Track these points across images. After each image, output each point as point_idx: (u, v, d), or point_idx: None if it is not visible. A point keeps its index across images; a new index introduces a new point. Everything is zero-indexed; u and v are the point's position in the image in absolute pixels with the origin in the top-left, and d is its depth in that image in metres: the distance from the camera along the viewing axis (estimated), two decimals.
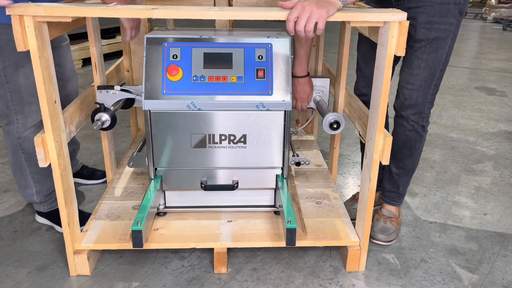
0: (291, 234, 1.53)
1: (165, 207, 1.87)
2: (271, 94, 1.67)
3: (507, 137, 3.17)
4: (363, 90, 1.99)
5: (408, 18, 1.66)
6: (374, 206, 2.06)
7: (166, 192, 1.85)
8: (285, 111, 1.70)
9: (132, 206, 1.93)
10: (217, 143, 1.73)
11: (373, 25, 1.48)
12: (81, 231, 1.75)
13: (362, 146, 2.17)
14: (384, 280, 1.75)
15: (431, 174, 2.60)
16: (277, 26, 1.58)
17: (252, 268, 1.78)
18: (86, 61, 4.55)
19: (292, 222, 1.53)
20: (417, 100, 1.79)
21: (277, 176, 1.81)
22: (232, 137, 1.73)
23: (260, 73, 1.67)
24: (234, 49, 1.69)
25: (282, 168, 1.80)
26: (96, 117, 1.82)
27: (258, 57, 1.68)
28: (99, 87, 1.92)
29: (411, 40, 1.70)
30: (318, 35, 2.40)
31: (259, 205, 1.89)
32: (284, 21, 1.42)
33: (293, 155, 1.92)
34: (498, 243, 1.99)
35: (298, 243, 1.70)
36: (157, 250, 1.84)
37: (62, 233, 1.72)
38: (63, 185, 1.58)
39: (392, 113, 1.93)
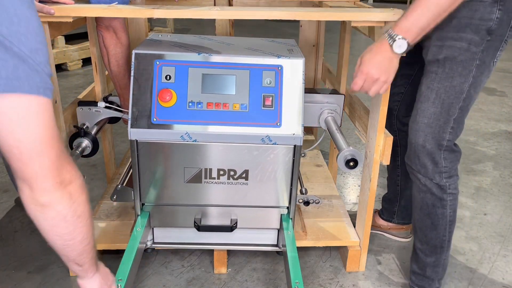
0: None
1: (153, 242, 1.70)
2: (279, 126, 1.46)
3: (507, 137, 3.17)
4: (404, 120, 1.70)
5: (424, 37, 1.39)
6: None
7: (154, 227, 1.67)
8: (294, 145, 1.50)
9: (132, 206, 1.93)
10: (214, 178, 1.54)
11: (374, 25, 1.48)
12: None
13: None
14: (384, 280, 1.75)
15: None
16: (277, 26, 1.54)
17: (252, 268, 1.77)
18: (86, 61, 4.54)
19: (300, 286, 1.30)
20: (424, 145, 1.40)
21: (282, 216, 1.63)
22: (232, 172, 1.53)
23: (268, 101, 1.46)
24: (238, 70, 1.46)
25: (288, 208, 1.61)
26: (75, 143, 1.64)
27: (266, 81, 1.47)
28: (80, 103, 1.73)
29: (425, 64, 1.43)
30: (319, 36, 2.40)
31: (260, 243, 1.71)
32: (284, 20, 1.42)
33: (301, 190, 1.72)
34: (498, 243, 1.99)
35: (298, 243, 1.69)
36: (157, 251, 1.84)
37: None
38: None
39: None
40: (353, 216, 1.88)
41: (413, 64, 1.61)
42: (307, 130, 2.70)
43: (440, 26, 1.34)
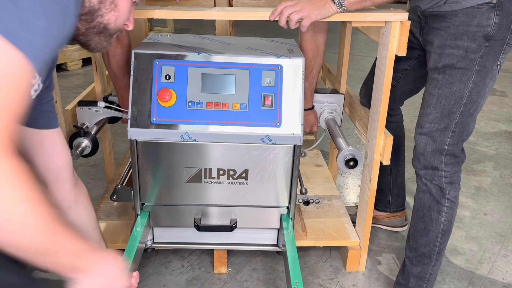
0: None
1: (153, 242, 1.69)
2: (279, 126, 1.46)
3: (507, 137, 3.17)
4: (390, 112, 1.76)
5: (428, 42, 1.46)
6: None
7: (154, 227, 1.67)
8: (294, 145, 1.49)
9: (132, 206, 1.93)
10: (214, 178, 1.53)
11: (375, 25, 1.48)
12: None
13: None
14: (384, 280, 1.75)
15: None
16: (277, 26, 1.50)
17: (252, 268, 1.78)
18: (86, 61, 4.54)
19: (300, 286, 1.30)
20: (425, 148, 1.44)
21: (281, 215, 1.62)
22: (231, 172, 1.53)
23: (267, 101, 1.46)
24: (238, 70, 1.46)
25: (287, 208, 1.61)
26: (75, 143, 1.63)
27: (266, 81, 1.47)
28: (80, 103, 1.74)
29: (428, 71, 1.47)
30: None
31: (260, 243, 1.70)
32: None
33: (301, 190, 1.72)
34: (498, 243, 1.99)
35: (298, 243, 1.70)
36: (157, 251, 1.84)
37: None
38: None
39: None
40: (353, 216, 1.88)
41: (409, 59, 1.66)
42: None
43: (440, 33, 1.37)
